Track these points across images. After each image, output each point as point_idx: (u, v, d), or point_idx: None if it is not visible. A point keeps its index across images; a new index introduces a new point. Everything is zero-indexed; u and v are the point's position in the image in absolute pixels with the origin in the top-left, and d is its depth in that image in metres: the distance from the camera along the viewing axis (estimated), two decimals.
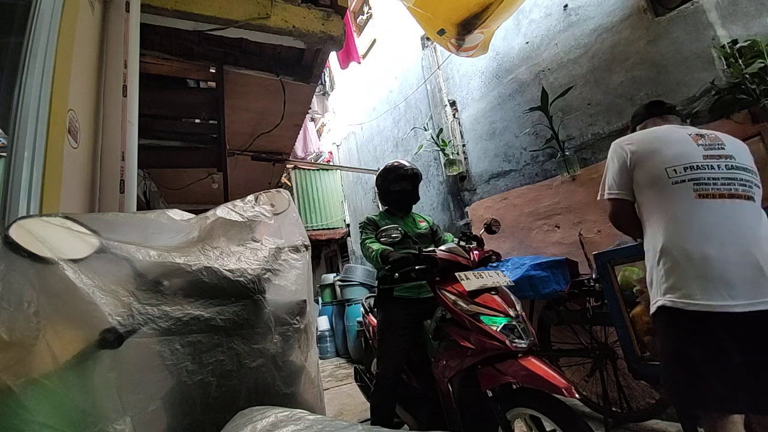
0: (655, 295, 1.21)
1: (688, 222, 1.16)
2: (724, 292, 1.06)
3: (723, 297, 1.06)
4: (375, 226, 2.05)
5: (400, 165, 2.17)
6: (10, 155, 1.00)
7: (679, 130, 1.31)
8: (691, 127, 1.35)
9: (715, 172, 1.19)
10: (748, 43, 1.86)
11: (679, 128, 1.33)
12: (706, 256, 1.10)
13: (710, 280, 1.08)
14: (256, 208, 1.07)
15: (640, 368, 1.65)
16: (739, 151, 1.25)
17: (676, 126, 1.37)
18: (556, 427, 1.21)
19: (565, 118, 2.80)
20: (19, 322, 0.62)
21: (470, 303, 1.45)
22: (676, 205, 1.20)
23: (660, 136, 1.31)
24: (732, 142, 1.27)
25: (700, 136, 1.26)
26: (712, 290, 1.07)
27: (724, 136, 1.28)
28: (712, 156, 1.21)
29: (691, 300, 1.09)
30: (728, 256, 1.09)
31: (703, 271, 1.10)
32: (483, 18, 2.70)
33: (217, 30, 2.23)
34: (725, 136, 1.28)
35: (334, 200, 7.13)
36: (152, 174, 3.88)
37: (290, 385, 0.93)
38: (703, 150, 1.22)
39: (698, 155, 1.22)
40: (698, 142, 1.25)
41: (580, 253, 2.57)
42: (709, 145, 1.24)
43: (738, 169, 1.19)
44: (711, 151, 1.22)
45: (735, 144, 1.27)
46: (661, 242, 1.19)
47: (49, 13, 1.14)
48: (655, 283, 1.21)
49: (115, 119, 1.53)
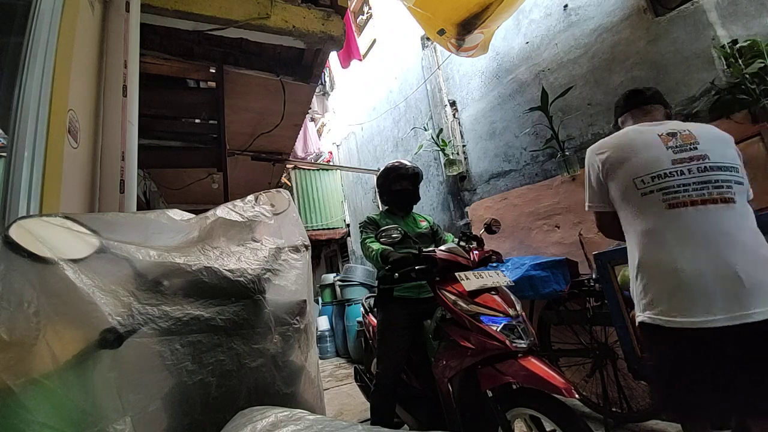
0: (636, 310, 1.18)
1: (661, 235, 1.10)
2: (700, 308, 1.00)
3: (699, 313, 1.00)
4: (375, 226, 2.04)
5: (402, 165, 2.17)
6: (10, 155, 1.00)
7: (648, 132, 1.21)
8: (664, 124, 1.23)
9: (686, 178, 1.10)
10: (748, 43, 1.86)
11: (650, 128, 1.23)
12: (680, 269, 1.04)
13: (686, 295, 1.03)
14: (256, 208, 1.07)
15: (640, 368, 1.65)
16: (716, 147, 1.13)
17: (647, 125, 1.26)
18: (556, 427, 1.21)
19: (565, 118, 2.80)
20: (19, 322, 0.62)
21: (470, 303, 1.45)
22: (647, 218, 1.13)
23: (628, 142, 1.22)
24: (708, 137, 1.15)
25: (671, 136, 1.16)
26: (689, 305, 1.02)
27: (700, 131, 1.17)
28: (683, 159, 1.12)
29: (667, 317, 1.05)
30: (702, 268, 1.02)
31: (677, 285, 1.04)
32: (483, 18, 2.70)
33: (217, 30, 2.23)
34: (702, 131, 1.17)
35: (334, 200, 7.13)
36: (152, 174, 3.88)
37: (290, 385, 0.93)
38: (672, 153, 1.13)
39: (666, 161, 1.13)
40: (668, 144, 1.15)
41: (580, 253, 2.57)
42: (679, 147, 1.14)
43: (712, 170, 1.09)
44: (681, 154, 1.13)
45: (711, 139, 1.15)
46: (637, 257, 1.15)
47: (49, 13, 1.14)
48: (635, 298, 1.18)
49: (115, 119, 1.53)
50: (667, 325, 1.05)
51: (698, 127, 1.18)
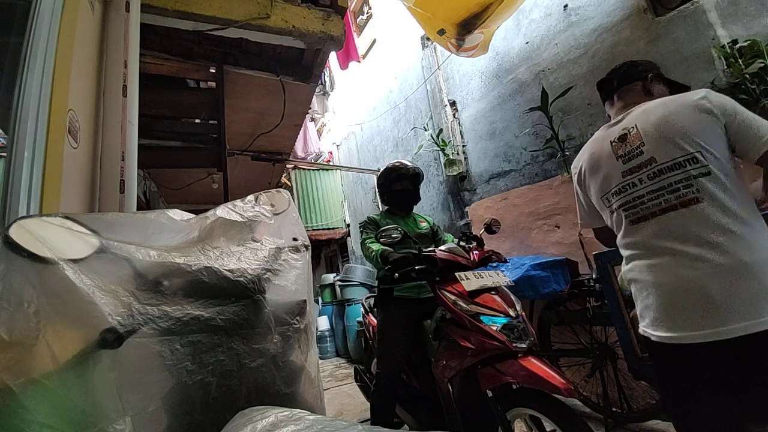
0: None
1: (632, 250, 1.06)
2: (666, 324, 0.95)
3: (667, 328, 0.95)
4: (376, 226, 2.05)
5: (402, 165, 2.17)
6: (10, 155, 1.00)
7: (604, 140, 1.13)
8: (621, 121, 1.12)
9: (638, 190, 1.03)
10: (748, 43, 1.85)
11: (606, 132, 1.15)
12: (650, 284, 1.00)
13: (656, 311, 0.98)
14: (256, 208, 1.07)
15: (640, 368, 1.65)
16: (663, 143, 0.98)
17: (604, 130, 1.17)
18: (556, 427, 1.21)
19: (565, 118, 2.80)
20: (19, 322, 0.62)
21: (470, 303, 1.45)
22: (621, 233, 1.11)
23: (590, 157, 1.18)
24: (654, 131, 1.01)
25: (621, 141, 1.07)
26: (659, 321, 0.97)
27: (647, 124, 1.03)
28: (632, 169, 1.04)
29: (648, 330, 1.02)
30: (666, 282, 0.96)
31: (648, 301, 1.01)
32: (483, 18, 2.70)
33: (217, 30, 2.23)
34: (648, 123, 1.03)
35: (334, 200, 7.13)
36: (152, 174, 3.88)
37: (290, 385, 0.93)
38: (621, 164, 1.06)
39: (617, 175, 1.07)
40: (618, 152, 1.08)
41: (580, 253, 2.57)
42: (628, 154, 1.05)
43: (663, 174, 0.98)
44: (630, 162, 1.04)
45: (658, 132, 1.00)
46: (623, 270, 1.13)
47: (49, 13, 1.14)
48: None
49: (115, 119, 1.53)
50: (651, 339, 1.01)
51: (648, 116, 1.04)
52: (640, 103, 1.12)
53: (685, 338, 0.91)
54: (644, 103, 1.10)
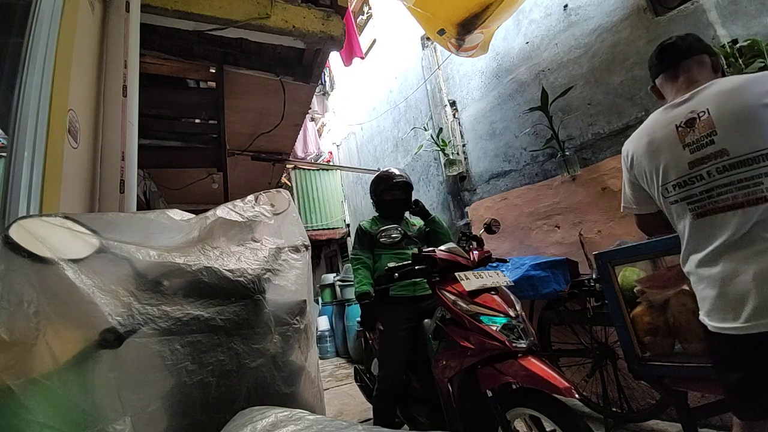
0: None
1: (695, 242, 1.02)
2: (730, 314, 0.93)
3: (729, 319, 0.93)
4: (368, 237, 2.08)
5: (391, 175, 2.19)
6: (10, 155, 1.01)
7: (668, 122, 1.06)
8: (689, 101, 1.03)
9: (706, 183, 0.97)
10: (748, 43, 1.85)
11: (671, 113, 1.06)
12: (716, 277, 0.96)
13: (720, 301, 0.96)
14: (256, 208, 1.07)
15: (640, 368, 1.65)
16: (738, 134, 0.93)
17: (669, 108, 1.08)
18: (556, 427, 1.21)
19: (565, 118, 2.79)
20: (19, 322, 0.62)
21: (470, 303, 1.45)
22: (681, 224, 1.06)
23: (649, 143, 1.11)
24: (729, 119, 0.94)
25: (689, 127, 1.00)
26: (722, 311, 0.95)
27: (721, 110, 0.95)
28: (701, 159, 0.98)
29: (707, 320, 0.99)
30: (739, 277, 0.92)
31: (712, 292, 0.98)
32: (483, 18, 2.70)
33: (217, 30, 2.23)
34: (723, 109, 0.95)
35: (334, 200, 7.13)
36: (152, 174, 3.87)
37: (290, 385, 0.93)
38: (689, 154, 1.00)
39: (684, 165, 1.01)
40: (686, 139, 1.00)
41: (580, 253, 2.57)
42: (696, 143, 0.98)
43: (733, 169, 0.93)
44: (699, 152, 0.98)
45: (733, 121, 0.93)
46: (681, 259, 1.09)
47: (49, 13, 1.14)
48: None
49: (115, 119, 1.53)
50: (708, 329, 0.99)
51: (725, 99, 0.96)
52: (709, 80, 1.03)
53: (741, 328, 0.90)
54: (717, 82, 1.01)
